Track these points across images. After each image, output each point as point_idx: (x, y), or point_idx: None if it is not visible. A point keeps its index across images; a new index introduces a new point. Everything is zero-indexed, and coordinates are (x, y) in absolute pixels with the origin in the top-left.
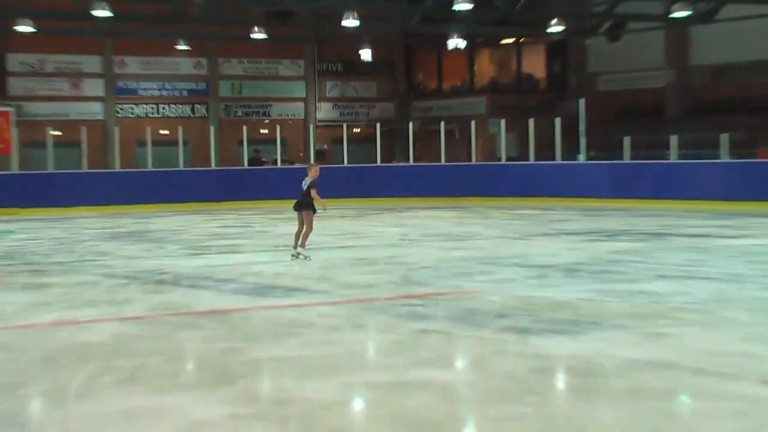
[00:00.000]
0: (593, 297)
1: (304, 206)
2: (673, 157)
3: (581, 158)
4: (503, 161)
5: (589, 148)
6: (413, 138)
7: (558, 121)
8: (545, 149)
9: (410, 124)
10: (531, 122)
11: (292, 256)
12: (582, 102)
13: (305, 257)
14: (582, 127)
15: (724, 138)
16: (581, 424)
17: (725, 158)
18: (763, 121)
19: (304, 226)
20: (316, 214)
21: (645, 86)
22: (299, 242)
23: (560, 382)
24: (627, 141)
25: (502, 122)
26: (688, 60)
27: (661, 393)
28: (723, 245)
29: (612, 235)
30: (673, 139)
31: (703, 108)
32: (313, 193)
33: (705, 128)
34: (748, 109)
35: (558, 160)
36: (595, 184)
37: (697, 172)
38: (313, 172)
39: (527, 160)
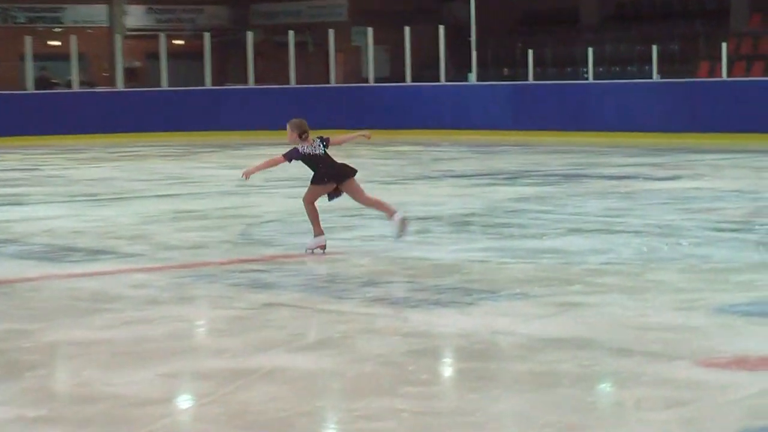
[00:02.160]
0: (488, 258)
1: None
2: (590, 77)
3: (472, 78)
4: (371, 83)
5: (482, 65)
6: (254, 53)
7: (442, 31)
8: (426, 67)
9: (249, 34)
10: (407, 32)
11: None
12: (473, 5)
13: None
14: (473, 38)
15: (655, 51)
16: (474, 421)
17: (656, 77)
18: (704, 28)
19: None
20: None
21: None
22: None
23: (446, 367)
24: (530, 55)
25: (370, 32)
26: None
27: (575, 379)
28: (651, 189)
29: (512, 177)
30: (590, 53)
31: (627, 13)
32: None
33: (630, 39)
34: (683, 15)
35: (442, 81)
36: (490, 111)
37: (620, 96)
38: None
39: (403, 81)
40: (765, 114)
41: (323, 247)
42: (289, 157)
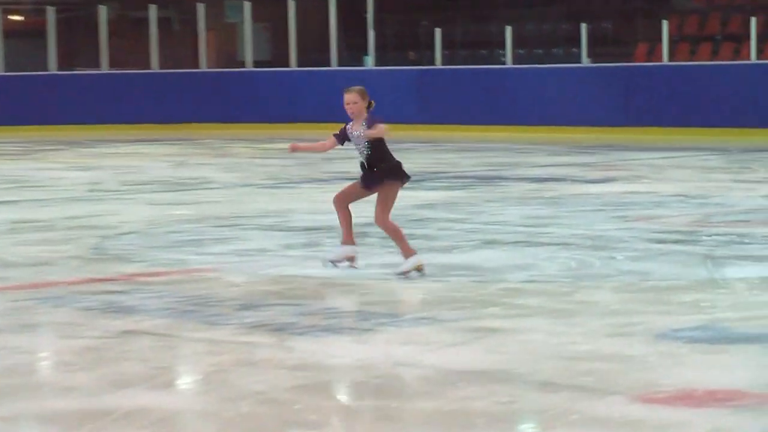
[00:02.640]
0: (389, 276)
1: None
2: (509, 61)
3: (369, 62)
4: (249, 67)
5: (381, 46)
6: (108, 31)
7: (333, 5)
8: (316, 49)
9: (102, 8)
10: (291, 6)
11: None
12: None
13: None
14: (370, 14)
15: (584, 30)
16: None
17: (585, 61)
18: (642, 4)
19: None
20: None
21: None
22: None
23: (340, 406)
24: (438, 35)
25: (247, 6)
26: None
27: (492, 419)
28: (581, 194)
29: (418, 180)
30: (508, 32)
31: None
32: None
33: (555, 16)
34: None
35: (335, 66)
36: (390, 102)
37: (544, 83)
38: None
39: (287, 65)
40: (713, 105)
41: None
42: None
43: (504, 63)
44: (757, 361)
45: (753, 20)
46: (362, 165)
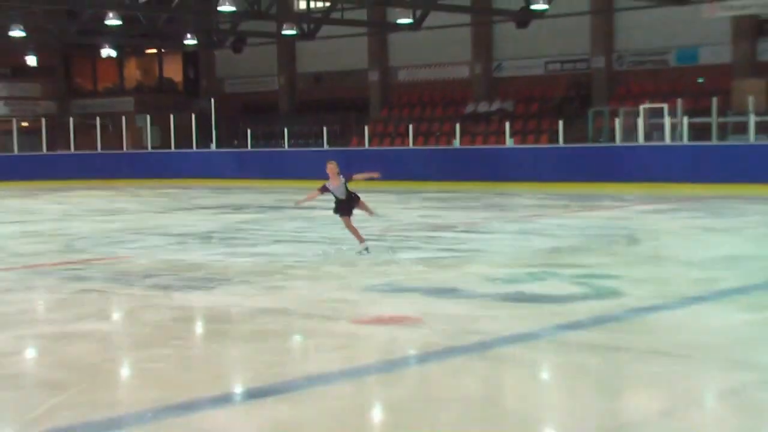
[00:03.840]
0: (223, 258)
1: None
2: (286, 145)
3: (213, 146)
4: (149, 149)
5: (219, 138)
6: (74, 131)
7: (193, 117)
8: (184, 139)
9: (71, 119)
10: (171, 117)
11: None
12: (212, 101)
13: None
14: (213, 121)
15: (325, 130)
16: (214, 362)
17: (326, 146)
18: (351, 117)
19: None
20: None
21: (262, 89)
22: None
23: (198, 328)
24: (249, 132)
25: (148, 117)
26: (295, 68)
27: (278, 334)
28: (326, 216)
29: (237, 208)
30: (285, 131)
31: (308, 106)
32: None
33: (309, 122)
34: (342, 108)
35: (194, 149)
36: (224, 167)
37: (305, 158)
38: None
39: (169, 148)
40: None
41: (367, 249)
42: (323, 189)
43: (284, 147)
44: (414, 301)
45: (410, 126)
46: (340, 201)
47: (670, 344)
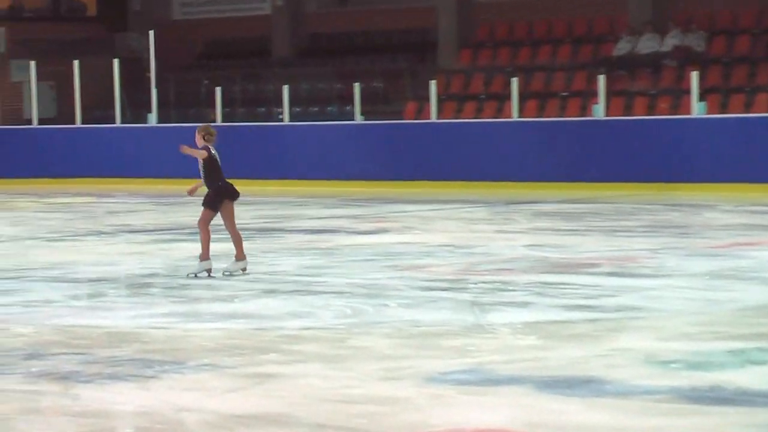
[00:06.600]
0: (171, 324)
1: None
2: (286, 118)
3: (152, 120)
4: (34, 124)
5: (164, 104)
6: None
7: (117, 64)
8: (100, 106)
9: None
10: (76, 65)
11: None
12: (152, 35)
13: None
14: (152, 73)
15: (357, 89)
16: None
17: (359, 119)
18: (403, 66)
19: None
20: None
21: (242, 14)
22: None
23: None
24: (218, 93)
25: (32, 65)
26: None
27: None
28: (352, 244)
29: (195, 232)
30: (285, 91)
31: (324, 45)
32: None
33: (328, 75)
34: (386, 49)
35: (118, 123)
36: (173, 157)
37: (318, 140)
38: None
39: (72, 122)
40: (477, 160)
41: (209, 271)
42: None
43: (281, 120)
44: (518, 401)
45: (513, 81)
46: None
47: None
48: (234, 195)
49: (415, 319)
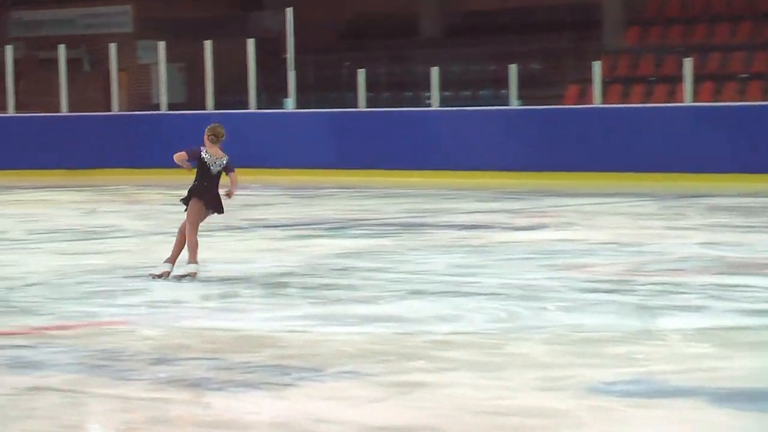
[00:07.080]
0: (308, 327)
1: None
2: (435, 103)
3: (290, 104)
4: (164, 110)
5: (302, 88)
6: (14, 71)
7: (252, 45)
8: (232, 91)
9: (8, 48)
10: (208, 46)
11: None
12: (289, 14)
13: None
14: (290, 54)
15: (513, 71)
16: None
17: (514, 104)
18: (571, 42)
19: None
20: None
21: None
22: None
23: None
24: (362, 76)
25: (161, 46)
26: None
27: None
28: (509, 241)
29: (337, 227)
30: (434, 73)
31: (477, 23)
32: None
33: (481, 56)
34: (548, 27)
35: (253, 108)
36: (312, 145)
37: (471, 126)
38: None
39: (203, 108)
40: (645, 149)
41: (194, 275)
42: (191, 154)
43: (429, 105)
44: (690, 415)
45: (687, 61)
46: (209, 184)
47: None
48: (210, 203)
49: (577, 323)
